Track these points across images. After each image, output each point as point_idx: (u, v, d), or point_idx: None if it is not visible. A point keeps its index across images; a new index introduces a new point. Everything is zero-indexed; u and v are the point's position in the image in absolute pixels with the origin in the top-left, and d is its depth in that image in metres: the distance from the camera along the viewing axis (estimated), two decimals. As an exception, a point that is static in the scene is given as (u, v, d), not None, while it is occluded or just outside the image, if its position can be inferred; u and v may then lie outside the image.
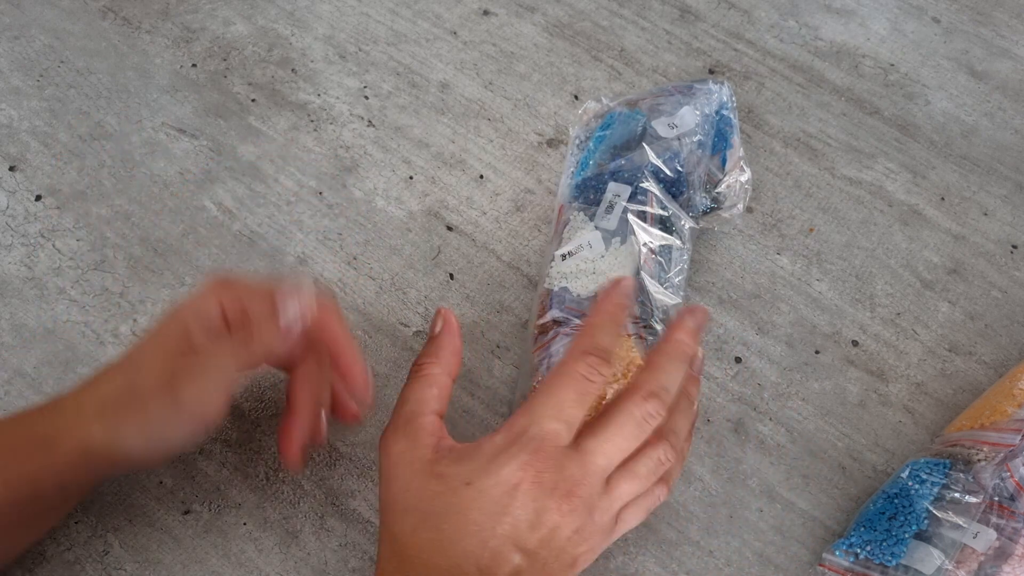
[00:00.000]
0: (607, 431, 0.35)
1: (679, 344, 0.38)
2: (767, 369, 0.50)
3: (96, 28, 0.62)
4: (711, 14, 0.65)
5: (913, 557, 0.40)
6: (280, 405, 0.47)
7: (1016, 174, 0.58)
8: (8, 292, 0.50)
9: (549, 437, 0.34)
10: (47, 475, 0.37)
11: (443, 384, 0.38)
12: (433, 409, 0.37)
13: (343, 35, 0.63)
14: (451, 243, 0.53)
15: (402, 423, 0.37)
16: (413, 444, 0.36)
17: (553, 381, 0.36)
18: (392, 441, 0.36)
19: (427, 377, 0.38)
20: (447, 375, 0.38)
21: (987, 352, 0.51)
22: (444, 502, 0.34)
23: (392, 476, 0.36)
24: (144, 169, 0.55)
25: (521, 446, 0.34)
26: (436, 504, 0.34)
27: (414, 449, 0.36)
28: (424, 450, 0.35)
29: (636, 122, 0.50)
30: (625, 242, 0.47)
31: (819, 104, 0.61)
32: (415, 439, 0.36)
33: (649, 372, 0.37)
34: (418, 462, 0.35)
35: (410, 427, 0.36)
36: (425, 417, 0.37)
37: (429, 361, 0.38)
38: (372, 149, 0.57)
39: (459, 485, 0.34)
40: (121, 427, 0.36)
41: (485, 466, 0.34)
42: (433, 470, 0.35)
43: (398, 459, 0.36)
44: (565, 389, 0.35)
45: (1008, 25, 0.65)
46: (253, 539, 0.43)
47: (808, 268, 0.53)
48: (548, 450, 0.34)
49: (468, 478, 0.34)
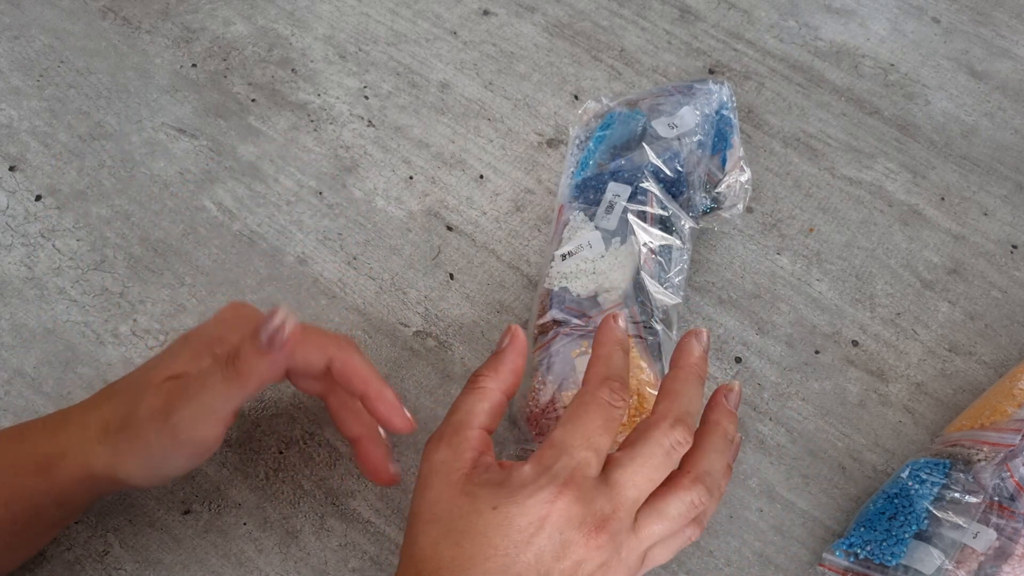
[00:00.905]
0: (635, 462, 0.35)
1: (691, 368, 0.38)
2: (767, 369, 0.50)
3: (96, 28, 0.62)
4: (711, 14, 0.65)
5: (913, 557, 0.40)
6: (280, 405, 0.47)
7: (1016, 174, 0.58)
8: (8, 292, 0.50)
9: (579, 467, 0.34)
10: (48, 495, 0.37)
11: (496, 400, 0.37)
12: (481, 423, 0.36)
13: (343, 35, 0.63)
14: (451, 243, 0.53)
15: (448, 432, 0.36)
16: (454, 455, 0.35)
17: (577, 410, 0.35)
18: (435, 448, 0.36)
19: (481, 391, 0.37)
20: (502, 392, 0.37)
21: (987, 352, 0.51)
22: (469, 521, 0.33)
23: (428, 484, 0.35)
24: (144, 169, 0.55)
25: (551, 477, 0.33)
26: (461, 522, 0.33)
27: (454, 461, 0.35)
28: (463, 464, 0.35)
29: (636, 122, 0.50)
30: (625, 242, 0.47)
31: (819, 104, 0.61)
32: (457, 451, 0.35)
33: (669, 400, 0.36)
34: (455, 474, 0.35)
35: (455, 438, 0.36)
36: (472, 430, 0.36)
37: (487, 375, 0.38)
38: (372, 149, 0.57)
39: (486, 507, 0.33)
40: (123, 453, 0.37)
41: (513, 493, 0.33)
42: (466, 487, 0.34)
43: (437, 468, 0.35)
44: (591, 417, 0.35)
45: (1008, 25, 0.65)
46: (253, 539, 0.43)
47: (808, 268, 0.53)
48: (578, 481, 0.33)
49: (495, 502, 0.33)
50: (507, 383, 0.38)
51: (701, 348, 0.38)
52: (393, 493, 0.45)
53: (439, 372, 0.49)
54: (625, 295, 0.45)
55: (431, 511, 0.34)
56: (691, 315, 0.51)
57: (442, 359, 0.49)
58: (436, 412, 0.47)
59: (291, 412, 0.47)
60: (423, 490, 0.35)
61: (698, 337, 0.39)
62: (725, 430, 0.38)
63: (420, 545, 0.34)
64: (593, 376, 0.36)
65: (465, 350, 0.49)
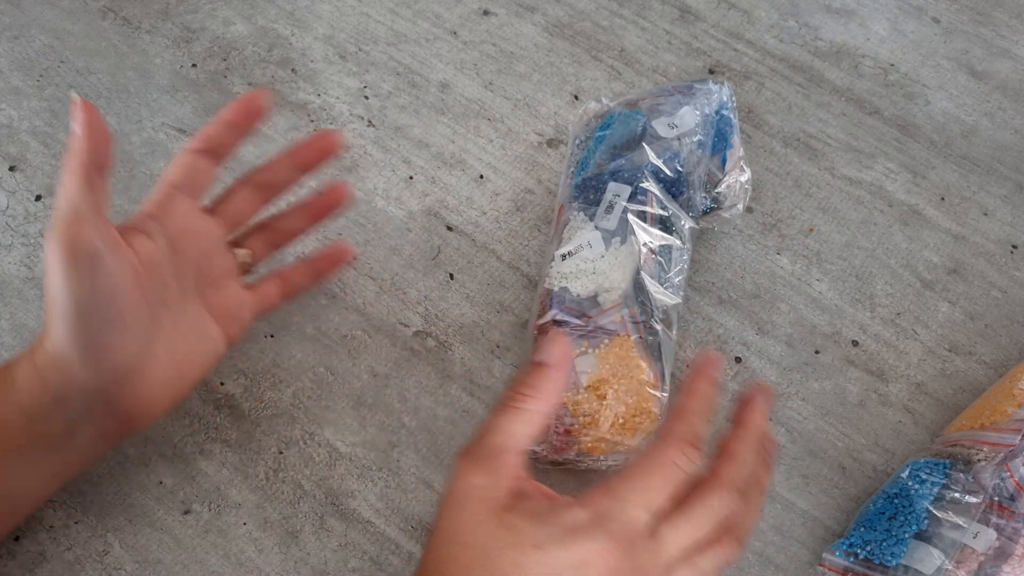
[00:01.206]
0: (688, 523, 0.34)
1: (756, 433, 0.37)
2: (767, 369, 0.50)
3: (96, 28, 0.62)
4: (711, 14, 0.65)
5: (913, 557, 0.40)
6: (280, 405, 0.47)
7: (1016, 174, 0.58)
8: (8, 292, 0.50)
9: (631, 523, 0.33)
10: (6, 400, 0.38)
11: (538, 424, 0.36)
12: (521, 448, 0.35)
13: (343, 35, 0.63)
14: (451, 243, 0.53)
15: (486, 455, 0.35)
16: (493, 482, 0.34)
17: (646, 466, 0.34)
18: (471, 471, 0.34)
19: (525, 413, 0.35)
20: (543, 414, 0.36)
21: (987, 352, 0.51)
22: (507, 556, 0.33)
23: (462, 506, 0.34)
24: (144, 169, 0.55)
25: (602, 529, 0.33)
26: (498, 553, 0.33)
27: (491, 488, 0.34)
28: (501, 491, 0.34)
29: (636, 122, 0.50)
30: (625, 242, 0.47)
31: (819, 104, 0.61)
32: (496, 476, 0.34)
33: (733, 465, 0.36)
34: (492, 501, 0.34)
35: (495, 462, 0.34)
36: (511, 455, 0.35)
37: (530, 395, 0.35)
38: (372, 149, 0.57)
39: (527, 544, 0.33)
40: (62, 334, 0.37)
41: (559, 537, 0.33)
42: (505, 517, 0.33)
43: (473, 492, 0.34)
44: (657, 477, 0.34)
45: (1008, 25, 0.65)
46: (253, 539, 0.43)
47: (808, 268, 0.53)
48: (628, 536, 0.33)
49: (539, 541, 0.33)
50: (551, 404, 0.36)
51: (766, 406, 0.37)
52: (393, 493, 0.45)
53: (439, 372, 0.49)
54: (625, 295, 0.45)
55: (464, 536, 0.33)
56: (691, 315, 0.51)
57: (442, 359, 0.49)
58: (436, 412, 0.47)
59: (291, 412, 0.47)
60: (456, 511, 0.34)
61: (766, 399, 0.37)
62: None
63: (449, 568, 0.33)
64: (674, 432, 0.35)
65: (465, 350, 0.49)
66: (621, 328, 0.44)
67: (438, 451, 0.46)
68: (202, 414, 0.47)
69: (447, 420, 0.47)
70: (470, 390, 0.48)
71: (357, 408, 0.47)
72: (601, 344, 0.44)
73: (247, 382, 0.48)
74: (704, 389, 0.36)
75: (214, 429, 0.46)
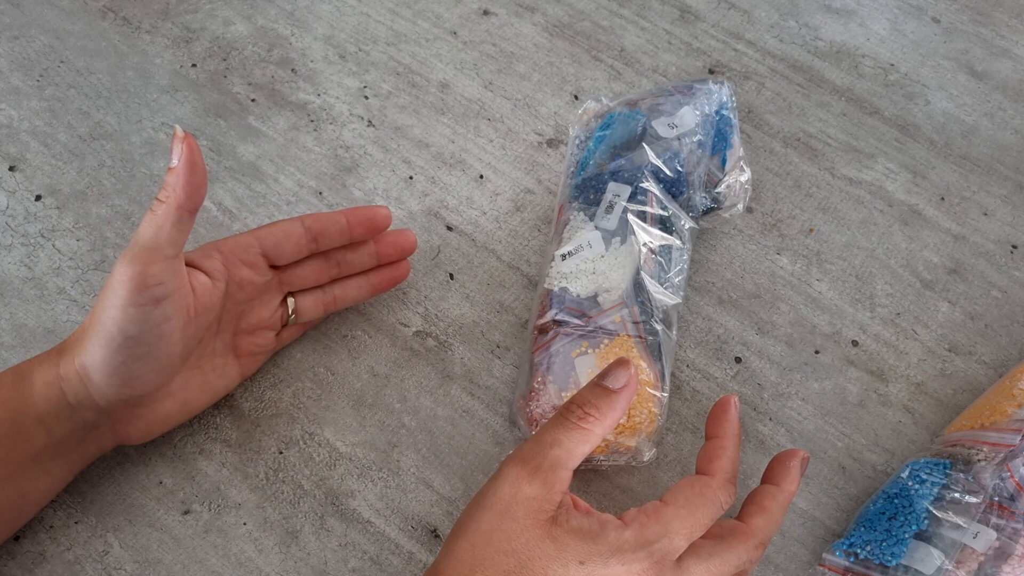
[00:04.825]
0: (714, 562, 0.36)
1: (790, 495, 0.39)
2: (767, 369, 0.50)
3: (96, 28, 0.62)
4: (711, 14, 0.65)
5: (913, 557, 0.40)
6: (280, 405, 0.47)
7: (1016, 174, 0.58)
8: (8, 292, 0.50)
9: (671, 552, 0.35)
10: (24, 405, 0.38)
11: (594, 445, 0.37)
12: (575, 466, 0.36)
13: (343, 35, 0.63)
14: (451, 243, 0.53)
15: (545, 467, 0.35)
16: (546, 495, 0.35)
17: (696, 500, 0.36)
18: (526, 480, 0.35)
19: (586, 433, 0.36)
20: (602, 437, 0.37)
21: (987, 352, 0.51)
22: (550, 569, 0.33)
23: (510, 513, 0.34)
24: (144, 169, 0.55)
25: (648, 553, 0.34)
26: (541, 566, 0.33)
27: (544, 500, 0.35)
28: (551, 505, 0.35)
29: (636, 122, 0.50)
30: (625, 242, 0.47)
31: (819, 104, 0.61)
32: (550, 490, 0.35)
33: (767, 521, 0.38)
34: (543, 514, 0.34)
35: (550, 476, 0.35)
36: (567, 472, 0.36)
37: (595, 416, 0.37)
38: (372, 149, 0.57)
39: (572, 560, 0.33)
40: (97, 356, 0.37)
41: (606, 556, 0.34)
42: (552, 531, 0.34)
43: (525, 502, 0.35)
44: (702, 513, 0.36)
45: (1008, 25, 0.65)
46: (253, 539, 0.43)
47: (808, 268, 0.53)
48: (664, 562, 0.35)
49: (584, 558, 0.34)
50: (611, 427, 0.37)
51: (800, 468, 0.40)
52: (393, 493, 0.45)
53: (439, 372, 0.49)
54: (625, 295, 0.45)
55: (509, 542, 0.34)
56: (691, 315, 0.51)
57: (442, 359, 0.49)
58: (436, 412, 0.47)
59: (291, 412, 0.47)
60: (503, 516, 0.34)
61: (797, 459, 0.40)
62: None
63: (488, 573, 0.34)
64: (722, 472, 0.38)
65: (465, 350, 0.49)
66: (621, 328, 0.44)
67: (438, 451, 0.46)
68: (202, 414, 0.47)
69: (447, 420, 0.47)
70: (470, 390, 0.48)
71: (357, 408, 0.47)
72: (601, 344, 0.44)
73: (247, 382, 0.48)
74: (734, 431, 0.39)
75: (214, 429, 0.46)
